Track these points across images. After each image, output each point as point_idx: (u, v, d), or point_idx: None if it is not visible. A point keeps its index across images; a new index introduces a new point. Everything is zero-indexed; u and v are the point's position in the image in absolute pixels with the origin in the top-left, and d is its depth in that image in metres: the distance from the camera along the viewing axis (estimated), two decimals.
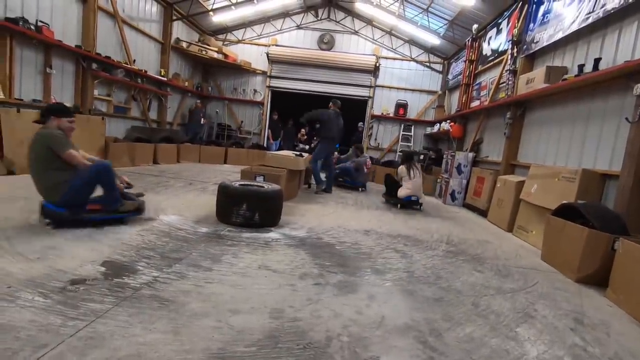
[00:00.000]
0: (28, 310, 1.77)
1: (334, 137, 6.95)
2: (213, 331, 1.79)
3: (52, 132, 3.08)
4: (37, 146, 3.02)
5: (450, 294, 2.62)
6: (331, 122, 6.81)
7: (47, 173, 3.04)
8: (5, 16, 5.45)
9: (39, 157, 3.03)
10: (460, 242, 4.23)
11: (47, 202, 3.03)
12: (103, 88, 7.84)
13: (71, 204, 3.06)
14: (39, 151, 3.02)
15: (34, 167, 3.06)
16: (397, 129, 12.14)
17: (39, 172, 3.06)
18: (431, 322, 2.15)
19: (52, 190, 3.03)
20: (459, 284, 2.86)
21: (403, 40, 11.92)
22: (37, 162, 3.04)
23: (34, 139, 3.04)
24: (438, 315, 2.25)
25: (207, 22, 11.51)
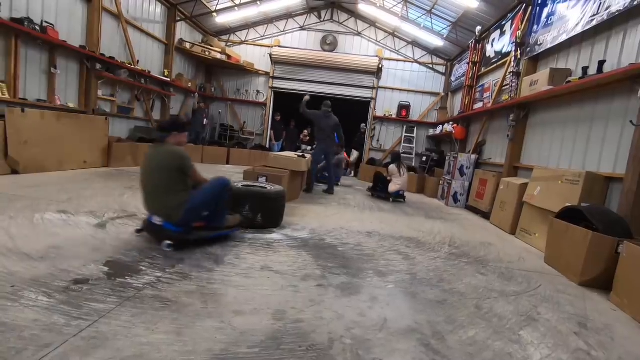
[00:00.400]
0: (32, 310, 1.77)
1: (326, 138, 7.01)
2: (216, 332, 1.79)
3: (182, 151, 2.93)
4: (166, 166, 2.85)
5: (453, 297, 2.61)
6: (320, 122, 6.94)
7: (173, 194, 2.87)
8: (10, 16, 5.48)
9: (170, 177, 2.86)
10: (463, 245, 4.22)
11: (167, 223, 2.83)
12: (107, 88, 7.87)
13: (186, 222, 2.89)
14: (169, 172, 2.85)
15: (159, 188, 2.86)
16: (400, 131, 12.12)
17: (165, 192, 2.85)
18: (434, 324, 2.14)
19: (175, 210, 2.83)
20: (462, 286, 2.85)
21: (406, 42, 11.92)
22: (163, 182, 2.85)
23: (161, 158, 2.86)
24: (441, 317, 2.25)
25: (211, 23, 11.55)
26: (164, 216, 2.84)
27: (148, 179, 2.92)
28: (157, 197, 2.88)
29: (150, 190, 2.91)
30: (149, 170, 2.91)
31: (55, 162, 5.80)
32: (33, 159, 5.38)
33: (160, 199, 2.86)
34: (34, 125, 5.45)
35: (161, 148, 2.92)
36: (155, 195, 2.89)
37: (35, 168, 5.41)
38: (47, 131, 5.64)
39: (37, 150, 5.43)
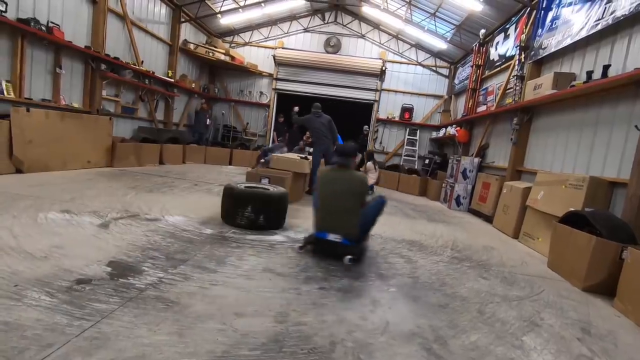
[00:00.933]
0: (34, 309, 1.78)
1: (322, 137, 6.94)
2: (217, 334, 1.79)
3: (365, 178, 3.33)
4: (355, 191, 3.14)
5: (456, 301, 2.60)
6: (313, 123, 6.91)
7: (354, 214, 3.13)
8: (17, 17, 5.53)
9: (355, 200, 3.14)
10: (465, 248, 4.21)
11: (345, 239, 3.07)
12: (111, 88, 7.92)
13: (360, 238, 3.22)
14: (355, 196, 3.15)
15: (346, 209, 3.10)
16: (403, 133, 12.12)
17: (349, 213, 3.11)
18: (436, 329, 2.14)
19: (354, 228, 3.11)
20: (464, 290, 2.83)
21: (409, 45, 11.93)
22: (349, 204, 3.12)
23: (350, 184, 3.15)
24: (443, 322, 2.24)
25: (215, 25, 11.60)
26: (343, 234, 3.06)
27: (335, 201, 3.14)
28: (340, 217, 3.09)
29: (335, 211, 3.11)
30: (337, 193, 3.14)
31: (59, 162, 5.84)
32: (37, 159, 5.41)
33: (343, 219, 3.08)
34: (39, 124, 5.48)
35: (347, 173, 3.22)
36: (339, 215, 3.10)
37: (40, 167, 5.44)
38: (52, 131, 5.68)
39: (41, 150, 5.47)
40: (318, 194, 3.28)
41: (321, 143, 6.96)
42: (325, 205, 3.16)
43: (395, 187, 9.46)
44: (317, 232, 3.16)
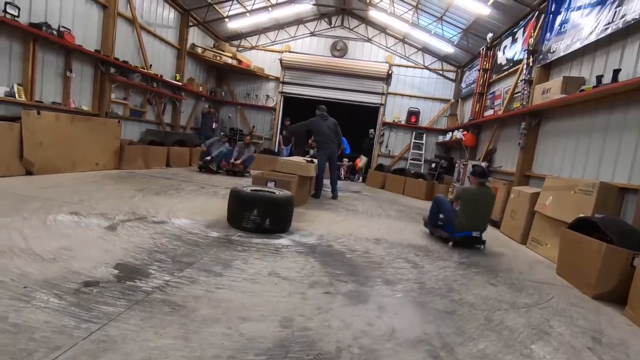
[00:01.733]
0: (43, 311, 1.79)
1: (326, 140, 6.91)
2: (223, 338, 1.79)
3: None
4: (492, 203, 4.61)
5: (463, 307, 2.57)
6: (319, 127, 6.85)
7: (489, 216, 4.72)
8: (29, 21, 5.63)
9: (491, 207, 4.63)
10: (473, 254, 4.16)
11: (480, 234, 4.42)
12: (120, 92, 8.01)
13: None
14: (492, 205, 4.65)
15: (488, 216, 4.60)
16: (409, 137, 12.08)
17: (488, 215, 4.62)
18: (443, 336, 2.11)
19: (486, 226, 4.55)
20: (472, 297, 2.80)
21: (416, 48, 11.92)
22: (489, 213, 4.60)
23: (490, 198, 4.54)
24: (450, 329, 2.21)
25: (222, 29, 11.70)
26: (481, 231, 4.42)
27: (484, 210, 4.49)
28: (484, 221, 4.47)
29: (483, 217, 4.45)
30: (484, 204, 4.48)
31: (69, 164, 5.91)
32: (47, 161, 5.49)
33: (485, 222, 4.49)
34: (49, 127, 5.56)
35: (487, 190, 4.55)
36: (484, 219, 4.47)
37: (50, 169, 5.51)
38: (61, 133, 5.75)
39: (51, 152, 5.54)
40: (464, 203, 4.37)
41: (327, 147, 6.94)
42: (479, 212, 4.39)
43: (402, 191, 9.42)
44: (463, 232, 4.32)
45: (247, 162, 8.55)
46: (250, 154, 8.62)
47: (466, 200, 4.37)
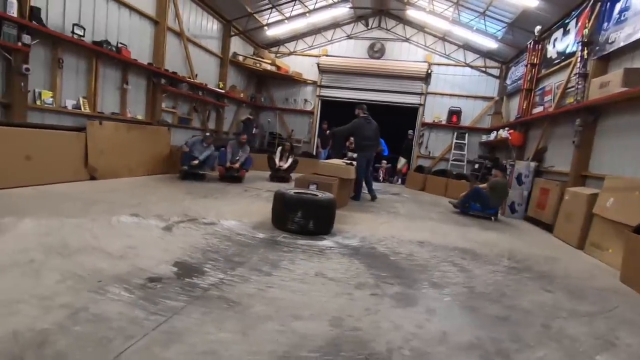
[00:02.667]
0: (116, 303, 1.97)
1: (368, 144, 6.87)
2: (277, 334, 1.86)
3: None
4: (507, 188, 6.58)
5: (517, 314, 2.47)
6: (364, 131, 6.78)
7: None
8: (92, 40, 6.18)
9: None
10: (524, 258, 3.97)
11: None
12: (170, 101, 8.54)
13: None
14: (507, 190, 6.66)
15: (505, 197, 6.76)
16: (450, 137, 11.72)
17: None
18: (497, 342, 2.05)
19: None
20: (526, 303, 2.68)
21: (457, 46, 11.56)
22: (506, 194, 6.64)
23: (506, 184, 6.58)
24: (504, 335, 2.14)
25: (262, 36, 12.08)
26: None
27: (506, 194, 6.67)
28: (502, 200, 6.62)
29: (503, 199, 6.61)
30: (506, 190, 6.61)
31: (126, 169, 6.38)
32: (107, 167, 5.97)
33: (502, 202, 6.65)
34: (109, 136, 6.05)
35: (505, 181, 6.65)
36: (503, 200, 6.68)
37: (110, 175, 5.99)
38: (119, 141, 6.23)
39: (111, 159, 6.02)
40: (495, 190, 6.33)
41: (367, 150, 6.93)
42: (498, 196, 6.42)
43: (443, 193, 9.15)
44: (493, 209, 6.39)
45: (245, 165, 7.45)
46: (247, 155, 7.50)
47: (496, 188, 6.32)
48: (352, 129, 6.88)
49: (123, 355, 1.55)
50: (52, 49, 5.60)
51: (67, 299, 1.94)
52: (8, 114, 5.01)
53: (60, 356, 1.49)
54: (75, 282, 2.16)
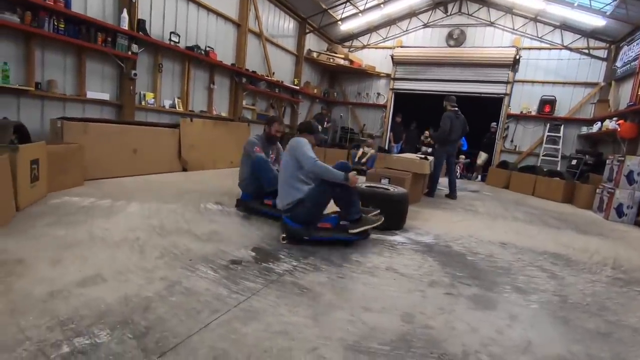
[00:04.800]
0: (204, 280, 2.20)
1: (453, 139, 6.46)
2: (347, 324, 1.89)
3: None
4: None
5: (623, 331, 2.14)
6: (455, 125, 6.39)
7: None
8: (185, 45, 6.88)
9: None
10: (633, 269, 3.40)
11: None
12: (249, 98, 9.12)
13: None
14: None
15: None
16: (541, 129, 10.50)
17: None
18: (596, 359, 1.80)
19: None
20: (635, 320, 2.30)
21: (552, 26, 10.25)
22: None
23: None
24: (606, 353, 1.87)
25: (335, 32, 12.17)
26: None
27: None
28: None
29: None
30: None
31: (211, 162, 7.02)
32: (196, 160, 6.63)
33: None
34: (198, 132, 6.70)
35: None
36: None
37: (198, 167, 6.64)
38: (206, 136, 6.87)
39: (199, 152, 6.67)
40: None
41: (449, 144, 6.57)
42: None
43: (531, 191, 8.26)
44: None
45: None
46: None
47: None
48: (447, 126, 6.36)
49: (209, 326, 1.72)
50: (154, 56, 6.38)
51: (164, 273, 2.23)
52: (120, 114, 5.85)
53: (160, 321, 1.72)
54: (170, 259, 2.46)
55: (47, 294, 1.85)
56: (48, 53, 4.84)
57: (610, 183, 6.43)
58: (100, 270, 2.17)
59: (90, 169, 4.63)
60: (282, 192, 3.20)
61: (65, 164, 4.10)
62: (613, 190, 6.21)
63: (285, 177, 3.18)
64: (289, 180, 3.14)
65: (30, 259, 2.23)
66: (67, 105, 5.14)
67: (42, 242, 2.52)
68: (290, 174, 3.14)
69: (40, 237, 2.62)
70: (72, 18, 4.86)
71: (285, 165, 3.21)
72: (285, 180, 3.17)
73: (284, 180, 3.19)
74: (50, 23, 4.62)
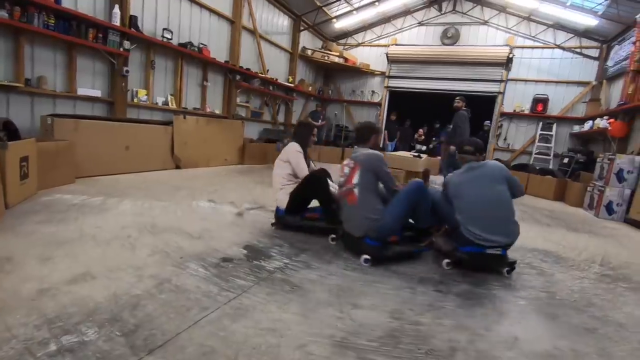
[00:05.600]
0: (194, 278, 2.20)
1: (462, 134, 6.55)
2: (336, 320, 1.91)
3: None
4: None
5: (608, 326, 2.17)
6: (466, 124, 6.51)
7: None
8: (178, 42, 6.83)
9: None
10: (620, 266, 3.46)
11: None
12: (243, 96, 9.08)
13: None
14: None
15: None
16: (534, 128, 10.59)
17: None
18: (581, 354, 1.83)
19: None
20: (621, 316, 2.34)
21: (545, 25, 10.32)
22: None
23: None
24: (591, 348, 1.90)
25: (330, 29, 12.15)
26: None
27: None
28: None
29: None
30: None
31: (205, 160, 6.99)
32: (190, 157, 6.60)
33: None
34: (191, 129, 6.67)
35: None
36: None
37: (191, 164, 6.61)
38: (200, 134, 6.84)
39: (192, 150, 6.64)
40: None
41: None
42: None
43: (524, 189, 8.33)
44: None
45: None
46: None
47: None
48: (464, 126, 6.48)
49: (198, 323, 1.72)
50: (146, 52, 6.32)
51: (155, 271, 2.22)
52: (112, 111, 5.80)
53: (149, 318, 1.72)
54: (161, 256, 2.46)
55: (36, 291, 1.84)
56: (38, 49, 4.78)
57: (600, 181, 6.51)
58: (90, 268, 2.16)
59: (82, 166, 4.60)
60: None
61: (56, 161, 4.07)
62: (603, 188, 6.29)
63: (367, 198, 2.78)
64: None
65: (19, 256, 2.22)
66: (58, 101, 5.08)
67: (32, 240, 2.50)
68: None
69: (30, 234, 2.60)
70: (62, 13, 4.81)
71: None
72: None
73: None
74: (39, 18, 4.56)
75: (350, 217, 2.87)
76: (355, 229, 2.82)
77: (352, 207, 2.83)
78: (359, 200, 2.78)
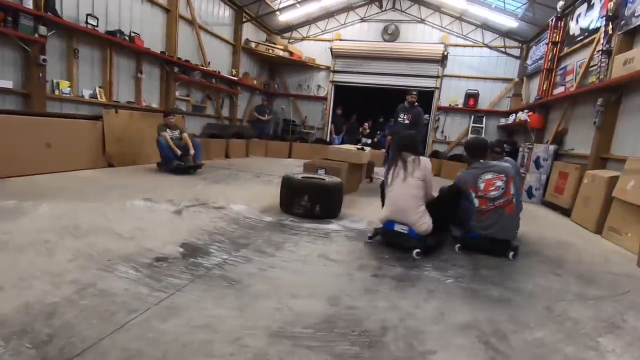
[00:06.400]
0: (123, 280, 2.07)
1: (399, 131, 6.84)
2: (274, 312, 1.92)
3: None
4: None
5: (520, 296, 2.43)
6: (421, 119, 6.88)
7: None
8: (106, 30, 6.29)
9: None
10: (535, 242, 3.88)
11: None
12: (183, 89, 8.65)
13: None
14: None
15: None
16: (467, 121, 11.40)
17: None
18: (495, 323, 2.03)
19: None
20: (531, 286, 2.64)
21: (474, 26, 11.12)
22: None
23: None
24: (503, 316, 2.12)
25: (274, 22, 11.97)
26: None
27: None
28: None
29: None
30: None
31: (144, 156, 6.55)
32: (124, 154, 6.15)
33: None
34: (125, 124, 6.21)
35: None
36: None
37: (127, 162, 6.17)
38: (135, 129, 6.39)
39: (127, 146, 6.20)
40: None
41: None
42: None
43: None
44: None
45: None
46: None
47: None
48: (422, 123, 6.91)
49: (124, 327, 1.63)
50: (67, 40, 5.74)
51: (76, 276, 2.05)
52: (28, 104, 5.21)
53: (67, 326, 1.59)
54: (85, 260, 2.28)
55: None
56: None
57: (522, 168, 7.22)
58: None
59: None
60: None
61: None
62: (524, 175, 6.99)
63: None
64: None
65: None
66: None
67: None
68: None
69: None
70: None
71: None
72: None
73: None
74: None
75: (504, 224, 3.22)
76: (507, 233, 3.28)
77: (509, 216, 3.23)
78: (516, 209, 3.30)
